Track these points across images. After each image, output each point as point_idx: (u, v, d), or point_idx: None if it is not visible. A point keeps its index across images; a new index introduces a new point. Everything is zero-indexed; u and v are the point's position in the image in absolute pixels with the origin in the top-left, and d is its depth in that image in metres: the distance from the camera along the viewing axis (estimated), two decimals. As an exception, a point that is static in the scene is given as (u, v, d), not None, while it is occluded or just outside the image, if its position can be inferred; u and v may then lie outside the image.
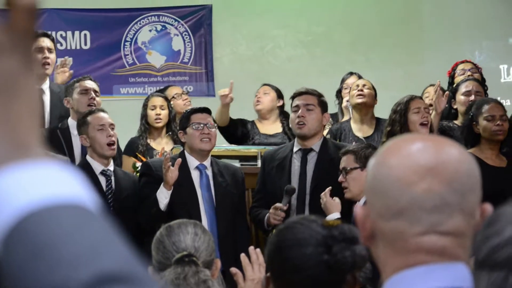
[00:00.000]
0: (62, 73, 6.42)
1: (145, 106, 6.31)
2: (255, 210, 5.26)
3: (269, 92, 6.59)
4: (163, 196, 4.94)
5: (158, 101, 6.28)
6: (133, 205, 5.07)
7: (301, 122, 5.23)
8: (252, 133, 6.42)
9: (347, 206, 4.80)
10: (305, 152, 5.26)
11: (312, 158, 5.25)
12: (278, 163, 5.27)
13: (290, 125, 5.49)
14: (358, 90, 6.15)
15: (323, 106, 5.36)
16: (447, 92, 5.95)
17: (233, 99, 6.11)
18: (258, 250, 2.84)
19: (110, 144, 5.08)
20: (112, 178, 5.13)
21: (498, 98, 6.11)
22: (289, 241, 2.07)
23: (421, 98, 5.70)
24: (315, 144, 5.28)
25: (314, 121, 5.26)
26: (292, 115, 5.35)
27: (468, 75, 6.45)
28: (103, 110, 5.26)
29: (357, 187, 4.63)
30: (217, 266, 2.75)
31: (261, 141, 6.32)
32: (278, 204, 5.04)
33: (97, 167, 5.11)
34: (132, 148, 6.13)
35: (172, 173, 4.90)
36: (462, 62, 6.76)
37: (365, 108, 6.13)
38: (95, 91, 5.73)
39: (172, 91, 6.85)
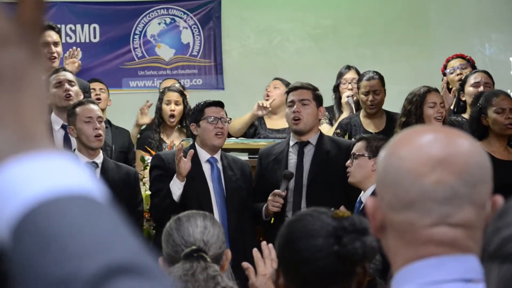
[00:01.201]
0: (71, 63, 6.39)
1: (160, 100, 6.32)
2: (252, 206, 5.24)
3: (279, 86, 6.55)
4: (176, 188, 4.92)
5: (173, 96, 6.29)
6: (121, 197, 4.99)
7: (296, 118, 5.21)
8: (260, 131, 6.42)
9: (355, 195, 4.81)
10: (302, 145, 5.25)
11: (309, 151, 5.24)
12: (274, 158, 5.25)
13: (286, 120, 5.45)
14: (370, 101, 6.10)
15: (318, 100, 5.33)
16: (454, 88, 5.93)
17: (268, 111, 6.17)
18: (270, 245, 2.83)
19: (96, 136, 5.01)
20: (98, 170, 5.04)
21: (508, 91, 6.08)
22: (299, 232, 2.07)
23: (437, 90, 5.67)
24: (312, 137, 5.27)
25: (309, 116, 5.23)
26: (287, 110, 5.32)
27: (458, 73, 6.41)
28: (93, 102, 5.20)
29: (360, 174, 4.65)
30: (228, 257, 2.73)
31: (266, 136, 6.30)
32: (276, 191, 5.04)
33: (82, 159, 4.99)
34: (145, 143, 6.15)
35: (185, 164, 4.87)
36: (453, 57, 6.69)
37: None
38: (69, 82, 5.54)
39: (162, 85, 6.93)
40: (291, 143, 5.29)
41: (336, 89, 6.63)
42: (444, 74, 6.58)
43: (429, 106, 5.46)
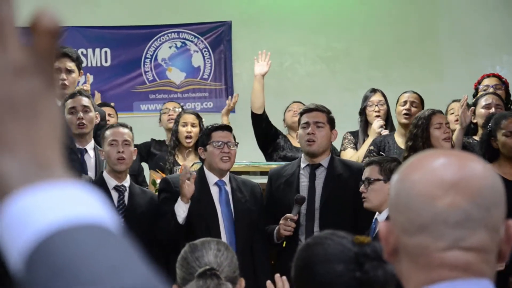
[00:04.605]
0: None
1: (176, 122, 6.33)
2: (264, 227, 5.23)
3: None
4: (181, 210, 4.93)
5: (190, 118, 6.32)
6: (148, 222, 5.04)
7: (310, 140, 5.21)
8: (285, 147, 6.40)
9: (366, 218, 4.78)
10: (313, 167, 5.25)
11: (321, 174, 5.23)
12: (285, 180, 5.25)
13: (298, 141, 5.44)
14: (406, 110, 6.12)
15: (332, 123, 5.34)
16: (472, 108, 5.91)
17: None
18: (284, 278, 2.85)
19: (119, 159, 5.06)
20: (126, 194, 5.11)
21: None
22: (319, 256, 2.06)
23: (442, 112, 5.66)
24: (324, 160, 5.27)
25: (323, 139, 5.24)
26: (301, 132, 5.31)
27: (491, 92, 6.37)
28: (123, 125, 5.22)
29: (378, 199, 4.61)
30: (242, 285, 2.75)
31: (293, 155, 6.28)
32: (288, 215, 5.03)
33: (111, 182, 5.09)
34: (159, 164, 6.16)
35: (189, 186, 4.89)
36: (489, 76, 6.67)
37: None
38: (84, 107, 5.43)
39: (166, 106, 7.00)
40: (302, 165, 5.28)
41: (363, 112, 6.50)
42: (477, 90, 6.55)
43: (435, 127, 5.45)
